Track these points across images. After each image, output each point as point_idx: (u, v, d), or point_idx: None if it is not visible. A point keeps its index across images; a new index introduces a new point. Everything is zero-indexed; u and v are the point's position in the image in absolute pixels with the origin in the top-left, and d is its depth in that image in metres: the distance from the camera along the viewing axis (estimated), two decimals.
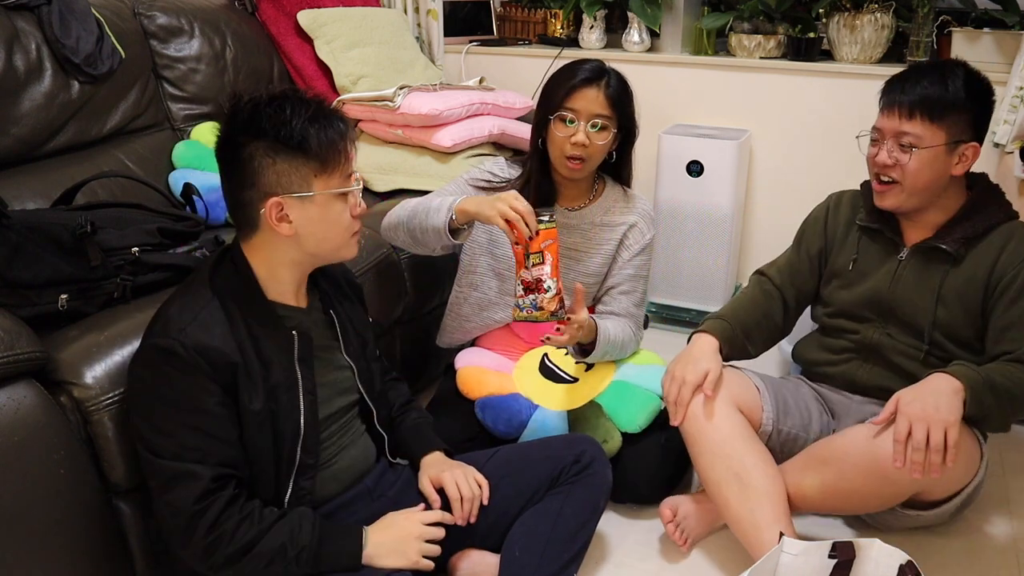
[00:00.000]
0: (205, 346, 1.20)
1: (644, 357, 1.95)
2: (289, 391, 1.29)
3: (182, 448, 1.20)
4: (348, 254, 1.34)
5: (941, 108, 1.51)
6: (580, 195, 1.89)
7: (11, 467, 1.17)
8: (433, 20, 2.83)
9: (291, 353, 1.30)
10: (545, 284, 1.51)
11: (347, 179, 1.28)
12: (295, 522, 1.26)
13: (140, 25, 2.13)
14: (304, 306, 1.37)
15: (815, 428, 1.68)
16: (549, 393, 1.82)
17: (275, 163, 1.22)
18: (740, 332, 1.71)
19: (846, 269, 1.71)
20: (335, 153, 1.24)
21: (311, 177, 1.24)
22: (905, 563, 1.29)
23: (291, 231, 1.25)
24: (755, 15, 2.63)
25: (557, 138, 1.74)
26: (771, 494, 1.52)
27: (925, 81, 1.53)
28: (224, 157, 1.26)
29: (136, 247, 1.47)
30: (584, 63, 1.76)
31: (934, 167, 1.54)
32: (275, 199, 1.23)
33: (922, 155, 1.53)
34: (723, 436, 1.58)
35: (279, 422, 1.28)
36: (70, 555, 1.27)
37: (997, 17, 2.35)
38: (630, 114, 1.80)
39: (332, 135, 1.24)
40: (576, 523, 1.45)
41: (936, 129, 1.52)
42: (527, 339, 1.97)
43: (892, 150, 1.56)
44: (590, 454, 1.50)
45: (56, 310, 1.37)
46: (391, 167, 2.33)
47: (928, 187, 1.56)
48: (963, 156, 1.55)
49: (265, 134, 1.21)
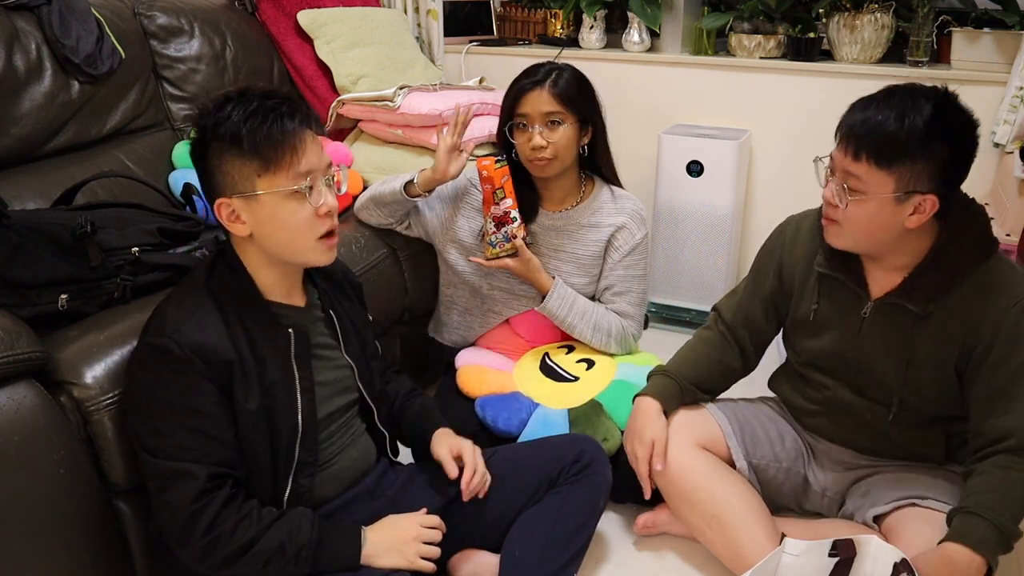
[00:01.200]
0: (200, 344, 1.19)
1: (644, 358, 1.96)
2: (285, 389, 1.29)
3: (178, 448, 1.20)
4: (317, 259, 1.28)
5: (891, 152, 1.26)
6: (566, 197, 1.91)
7: (11, 467, 1.17)
8: (433, 20, 2.83)
9: (288, 351, 1.30)
10: (511, 215, 1.79)
11: (298, 178, 1.21)
12: (294, 522, 1.26)
13: (140, 25, 2.13)
14: (302, 305, 1.36)
15: (788, 454, 1.63)
16: (549, 391, 1.83)
17: (222, 163, 1.21)
18: (688, 385, 1.65)
19: (807, 319, 1.54)
20: (276, 151, 1.19)
21: (254, 176, 1.20)
22: (900, 561, 1.30)
23: (246, 232, 1.24)
24: (755, 15, 2.63)
25: (519, 145, 1.81)
26: (751, 528, 1.51)
27: (881, 115, 1.27)
28: (195, 162, 1.26)
29: (136, 247, 1.47)
30: (531, 68, 1.82)
31: (879, 219, 1.31)
32: (222, 200, 1.22)
33: (865, 204, 1.30)
34: (694, 483, 1.56)
35: (275, 420, 1.27)
36: (70, 555, 1.27)
37: (997, 17, 2.35)
38: (587, 106, 1.83)
39: (273, 132, 1.19)
40: (576, 523, 1.45)
41: (883, 175, 1.27)
42: (528, 338, 1.97)
43: (836, 188, 1.34)
44: (590, 454, 1.50)
45: (56, 310, 1.37)
46: (391, 167, 2.33)
47: (874, 236, 1.35)
48: (919, 208, 1.30)
49: (211, 134, 1.20)
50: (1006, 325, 1.34)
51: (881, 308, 1.44)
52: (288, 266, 1.31)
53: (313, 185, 1.23)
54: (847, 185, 1.32)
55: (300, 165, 1.22)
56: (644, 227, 1.92)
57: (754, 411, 1.70)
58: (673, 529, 1.70)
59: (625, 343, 1.92)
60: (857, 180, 1.30)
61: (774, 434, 1.66)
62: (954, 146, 1.27)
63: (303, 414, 1.30)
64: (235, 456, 1.24)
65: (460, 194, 1.94)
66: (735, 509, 1.54)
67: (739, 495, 1.56)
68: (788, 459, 1.64)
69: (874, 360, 1.47)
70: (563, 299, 1.85)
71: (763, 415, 1.69)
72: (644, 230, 1.92)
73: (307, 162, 1.22)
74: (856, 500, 1.56)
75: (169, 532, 1.22)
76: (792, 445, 1.65)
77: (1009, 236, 2.01)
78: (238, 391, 1.23)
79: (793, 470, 1.64)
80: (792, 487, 1.65)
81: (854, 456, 1.61)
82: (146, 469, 1.23)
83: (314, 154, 1.24)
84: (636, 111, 2.77)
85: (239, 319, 1.25)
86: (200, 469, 1.19)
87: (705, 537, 1.59)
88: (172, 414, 1.20)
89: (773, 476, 1.64)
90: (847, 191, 1.32)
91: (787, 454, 1.64)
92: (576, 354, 1.93)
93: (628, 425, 1.66)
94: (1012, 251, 2.01)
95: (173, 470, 1.19)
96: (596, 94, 1.86)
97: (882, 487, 1.53)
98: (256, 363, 1.25)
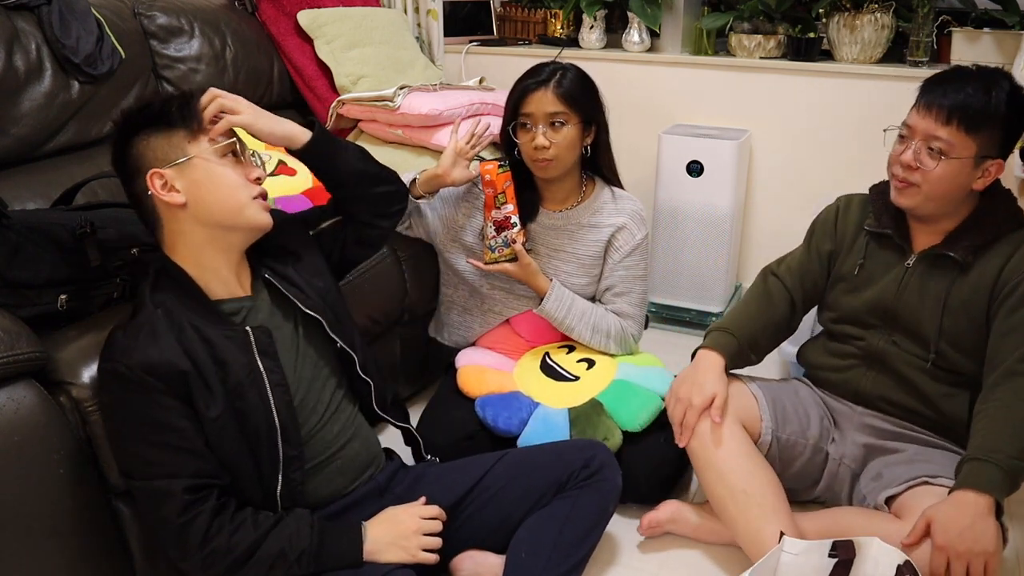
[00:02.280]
0: (151, 363, 1.19)
1: (644, 359, 1.96)
2: (255, 387, 1.27)
3: (150, 465, 1.20)
4: (256, 218, 1.31)
5: (980, 119, 1.43)
6: (567, 197, 1.92)
7: (11, 467, 1.17)
8: (433, 20, 2.83)
9: (250, 349, 1.28)
10: (512, 220, 1.80)
11: (225, 137, 1.30)
12: (292, 526, 1.26)
13: (140, 25, 2.13)
14: (249, 293, 1.35)
15: (813, 432, 1.67)
16: (550, 391, 1.83)
17: (148, 143, 1.26)
18: (747, 345, 1.69)
19: (851, 274, 1.66)
20: (200, 118, 1.28)
21: (184, 143, 1.27)
22: (903, 563, 1.29)
23: (181, 200, 1.26)
24: (755, 15, 2.63)
25: (522, 144, 1.81)
26: (778, 510, 1.53)
27: (969, 87, 1.44)
28: (117, 164, 1.29)
29: (136, 247, 1.47)
30: (535, 68, 1.81)
31: (957, 179, 1.47)
32: (154, 170, 1.25)
33: (949, 165, 1.46)
34: (728, 452, 1.57)
35: (248, 422, 1.26)
36: (70, 555, 1.27)
37: (997, 17, 2.35)
38: (591, 106, 1.83)
39: (192, 105, 1.29)
40: (584, 528, 1.45)
41: (969, 140, 1.44)
42: (528, 338, 1.97)
43: (919, 152, 1.48)
44: (600, 459, 1.49)
45: (56, 310, 1.37)
46: (391, 167, 2.32)
47: (946, 196, 1.50)
48: (987, 171, 1.48)
49: (134, 126, 1.26)
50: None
51: (924, 259, 1.58)
52: (226, 240, 1.31)
53: (240, 149, 1.32)
54: (931, 147, 1.46)
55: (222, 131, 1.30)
56: (644, 228, 1.93)
57: (785, 389, 1.74)
58: (676, 529, 1.70)
59: (625, 344, 1.93)
60: (945, 144, 1.45)
61: (802, 412, 1.69)
62: (1019, 120, 1.48)
63: (278, 409, 1.28)
64: (211, 465, 1.23)
65: (463, 194, 1.94)
66: (765, 492, 1.54)
67: (770, 480, 1.57)
68: (814, 437, 1.66)
69: (912, 310, 1.58)
70: (560, 301, 1.85)
71: (793, 393, 1.73)
72: (644, 231, 1.92)
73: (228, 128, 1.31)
74: (868, 483, 1.59)
75: (167, 547, 1.22)
76: (818, 424, 1.68)
77: None
78: (198, 400, 1.22)
79: (818, 447, 1.66)
80: (813, 465, 1.67)
81: (881, 419, 1.62)
82: (133, 492, 1.25)
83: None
84: (636, 111, 2.77)
85: (191, 326, 1.25)
86: (175, 484, 1.19)
87: (726, 510, 1.57)
88: (138, 433, 1.20)
89: (800, 453, 1.65)
90: (935, 152, 1.46)
91: (813, 432, 1.67)
92: (576, 354, 1.93)
93: (684, 375, 1.67)
94: None
95: (152, 489, 1.20)
96: (600, 94, 1.86)
97: (895, 469, 1.56)
98: (217, 367, 1.24)
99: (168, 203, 1.25)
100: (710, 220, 2.57)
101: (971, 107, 1.43)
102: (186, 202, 1.25)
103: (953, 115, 1.43)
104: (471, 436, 1.76)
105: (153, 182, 1.24)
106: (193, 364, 1.22)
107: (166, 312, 1.24)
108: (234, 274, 1.34)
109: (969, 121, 1.43)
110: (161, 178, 1.25)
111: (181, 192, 1.25)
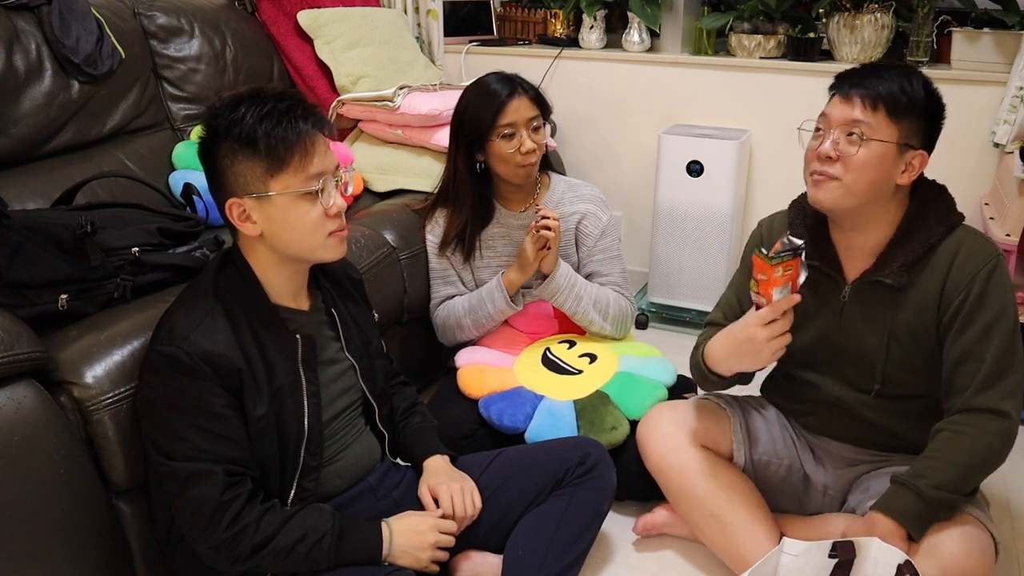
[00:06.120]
0: (209, 353, 1.20)
1: (644, 350, 1.97)
2: (293, 394, 1.29)
3: (194, 450, 1.21)
4: (329, 255, 1.30)
5: (901, 105, 1.39)
6: (527, 196, 1.98)
7: (11, 467, 1.17)
8: (433, 20, 2.83)
9: (295, 356, 1.31)
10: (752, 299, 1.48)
11: (310, 180, 1.23)
12: (314, 514, 1.29)
13: (140, 25, 2.13)
14: (306, 308, 1.37)
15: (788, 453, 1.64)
16: (554, 384, 1.84)
17: (234, 164, 1.22)
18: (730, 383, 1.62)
19: None
20: (289, 153, 1.21)
21: (267, 177, 1.22)
22: (903, 562, 1.29)
23: (256, 231, 1.25)
24: (755, 15, 2.63)
25: (505, 154, 1.84)
26: (750, 525, 1.54)
27: (888, 76, 1.41)
28: (203, 160, 1.27)
29: (136, 247, 1.47)
30: (495, 87, 1.85)
31: (881, 166, 1.40)
32: (233, 200, 1.23)
33: (872, 148, 1.39)
34: (692, 479, 1.59)
35: (283, 425, 1.28)
36: (70, 555, 1.27)
37: (997, 17, 2.35)
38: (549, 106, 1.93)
39: (287, 133, 1.20)
40: (580, 525, 1.45)
41: (892, 125, 1.39)
42: (526, 331, 1.99)
43: (839, 141, 1.41)
44: (595, 456, 1.50)
45: (56, 310, 1.37)
46: (391, 167, 2.33)
47: (869, 191, 1.41)
48: (910, 165, 1.42)
49: (224, 134, 1.21)
50: (974, 288, 1.40)
51: (859, 288, 1.50)
52: (297, 265, 1.32)
53: (324, 187, 1.24)
54: (855, 132, 1.40)
55: (312, 167, 1.23)
56: (607, 209, 1.99)
57: (757, 408, 1.72)
58: (672, 530, 1.71)
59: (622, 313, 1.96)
60: (867, 127, 1.39)
61: (776, 431, 1.66)
62: (937, 115, 1.44)
63: (309, 419, 1.31)
64: (249, 457, 1.25)
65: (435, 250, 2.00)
66: (735, 507, 1.55)
67: (739, 493, 1.57)
68: (788, 456, 1.64)
69: (858, 341, 1.51)
70: (568, 271, 1.90)
71: (765, 413, 1.71)
72: (608, 212, 1.99)
73: (318, 164, 1.24)
74: (857, 496, 1.57)
75: (193, 527, 1.23)
76: (792, 443, 1.66)
77: (1009, 236, 2.00)
78: (247, 398, 1.24)
79: (794, 467, 1.64)
80: (793, 485, 1.65)
81: (854, 451, 1.61)
82: (163, 472, 1.24)
83: (325, 156, 1.25)
84: (636, 111, 2.77)
85: (248, 324, 1.26)
86: (218, 467, 1.21)
87: (704, 534, 1.60)
88: (186, 417, 1.21)
89: (774, 472, 1.64)
90: (856, 138, 1.40)
91: (787, 451, 1.65)
92: (578, 348, 1.94)
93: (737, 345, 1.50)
94: (1012, 251, 2.01)
95: (192, 470, 1.21)
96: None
97: (883, 480, 1.53)
98: (265, 368, 1.26)
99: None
100: (710, 220, 2.57)
101: (893, 93, 1.40)
102: (262, 233, 1.25)
103: (878, 101, 1.39)
104: (469, 435, 1.76)
105: (232, 211, 1.24)
106: (247, 363, 1.24)
107: (226, 306, 1.26)
108: (297, 287, 1.36)
109: (892, 105, 1.39)
110: (240, 207, 1.23)
111: (258, 224, 1.24)
